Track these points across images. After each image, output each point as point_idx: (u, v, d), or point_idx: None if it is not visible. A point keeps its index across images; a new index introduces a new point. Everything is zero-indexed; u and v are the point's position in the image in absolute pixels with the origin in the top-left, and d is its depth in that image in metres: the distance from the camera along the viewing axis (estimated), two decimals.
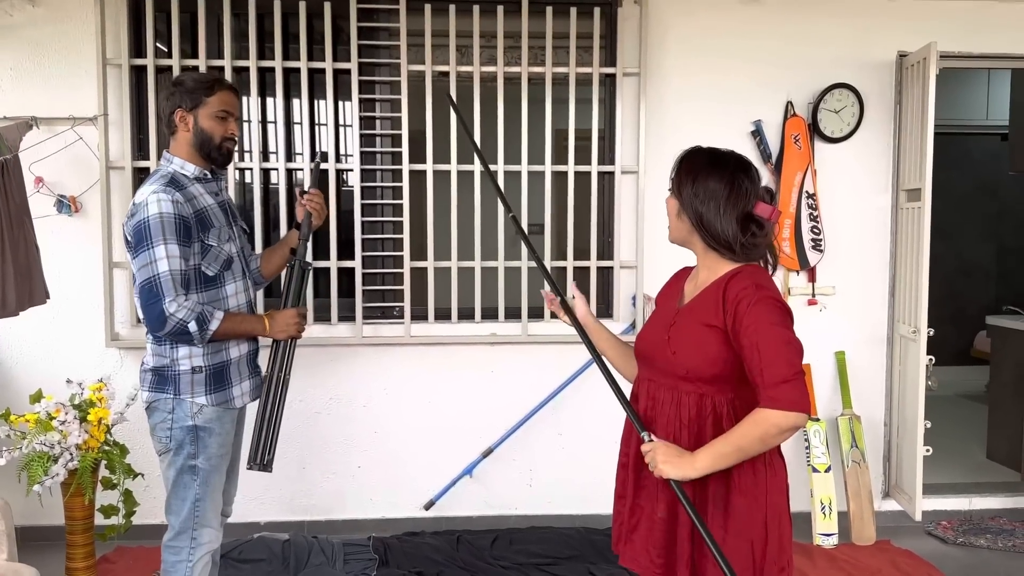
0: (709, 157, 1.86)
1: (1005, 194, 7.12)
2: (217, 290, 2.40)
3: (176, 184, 2.34)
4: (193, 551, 2.37)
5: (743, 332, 1.67)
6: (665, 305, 1.96)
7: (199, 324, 2.28)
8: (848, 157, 4.04)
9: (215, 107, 2.40)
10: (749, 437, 1.65)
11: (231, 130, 2.44)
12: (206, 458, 2.36)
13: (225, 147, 2.43)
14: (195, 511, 2.36)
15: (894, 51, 4.02)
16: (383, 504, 3.97)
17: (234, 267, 2.46)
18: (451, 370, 3.95)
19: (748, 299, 1.68)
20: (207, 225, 2.37)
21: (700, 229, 1.79)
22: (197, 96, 2.38)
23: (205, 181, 2.45)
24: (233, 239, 2.47)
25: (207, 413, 2.35)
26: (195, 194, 2.38)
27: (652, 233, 3.93)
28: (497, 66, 3.83)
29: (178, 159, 2.41)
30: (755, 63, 3.98)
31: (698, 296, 1.83)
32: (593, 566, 3.42)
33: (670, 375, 1.80)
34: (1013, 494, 4.27)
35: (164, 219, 2.26)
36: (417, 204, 3.91)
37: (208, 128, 2.39)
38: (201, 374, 2.36)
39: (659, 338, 1.84)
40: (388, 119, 3.91)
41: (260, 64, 3.73)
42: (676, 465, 1.69)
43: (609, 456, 3.99)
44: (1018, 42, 4.03)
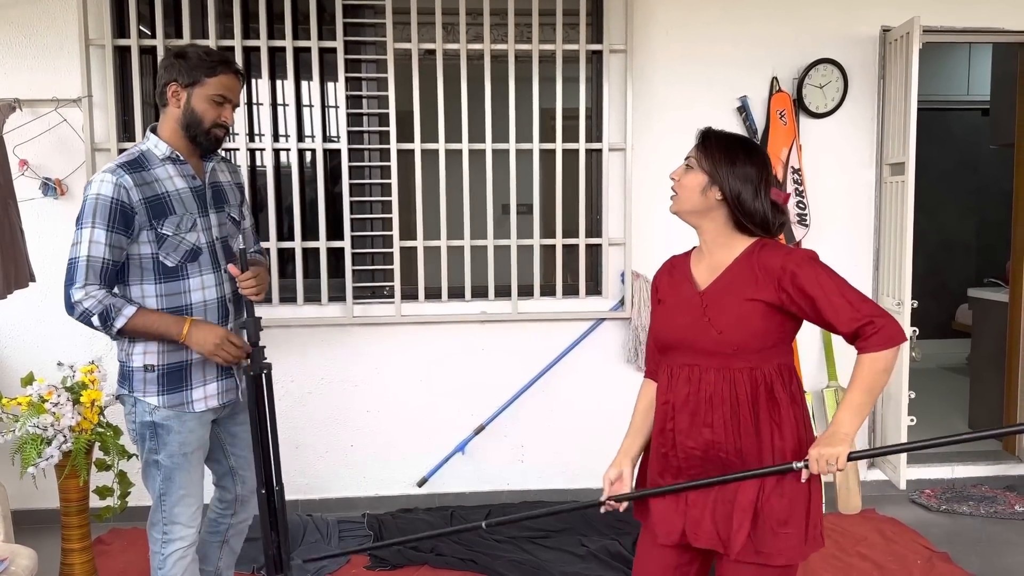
0: (741, 142, 1.94)
1: (985, 169, 7.20)
2: (178, 282, 2.22)
3: (137, 165, 2.19)
4: (164, 545, 2.31)
5: (820, 289, 1.74)
6: (679, 293, 1.95)
7: (102, 318, 2.12)
8: (833, 132, 4.07)
9: (213, 89, 2.22)
10: (875, 378, 1.74)
11: (225, 116, 2.26)
12: (167, 455, 2.26)
13: (214, 133, 2.26)
14: (161, 505, 2.30)
15: (877, 26, 4.05)
16: (376, 482, 4.00)
17: (202, 259, 2.26)
18: (442, 349, 3.97)
19: (796, 262, 1.78)
20: (163, 212, 2.18)
21: (736, 208, 1.86)
22: (197, 74, 2.20)
23: (177, 163, 2.25)
24: (204, 229, 2.27)
25: (163, 412, 2.24)
26: (159, 177, 2.21)
27: (640, 210, 3.96)
28: (484, 43, 3.82)
29: (154, 137, 2.25)
30: (740, 38, 4.00)
31: (726, 275, 1.87)
32: (584, 538, 3.47)
33: (717, 355, 1.83)
34: (994, 462, 4.36)
35: (99, 201, 2.12)
36: (405, 183, 3.91)
37: (200, 110, 2.22)
38: (153, 373, 2.22)
39: (695, 323, 1.86)
40: (375, 98, 3.90)
41: (245, 44, 3.71)
42: (835, 447, 1.72)
43: (599, 431, 4.06)
44: (999, 16, 4.07)
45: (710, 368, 1.84)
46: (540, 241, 3.96)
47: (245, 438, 2.44)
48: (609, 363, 4.06)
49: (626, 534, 3.46)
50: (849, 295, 1.75)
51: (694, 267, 1.96)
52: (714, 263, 1.91)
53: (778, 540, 1.78)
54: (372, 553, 3.40)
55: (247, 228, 2.54)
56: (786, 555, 1.79)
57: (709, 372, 1.84)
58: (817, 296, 1.75)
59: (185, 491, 2.30)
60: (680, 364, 1.89)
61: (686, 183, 1.92)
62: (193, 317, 2.24)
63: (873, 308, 1.74)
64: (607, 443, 4.11)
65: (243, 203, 2.51)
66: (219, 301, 2.31)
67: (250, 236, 2.55)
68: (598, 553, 3.31)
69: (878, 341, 1.73)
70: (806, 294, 1.76)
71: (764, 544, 1.79)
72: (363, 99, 3.89)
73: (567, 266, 4.02)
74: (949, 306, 7.05)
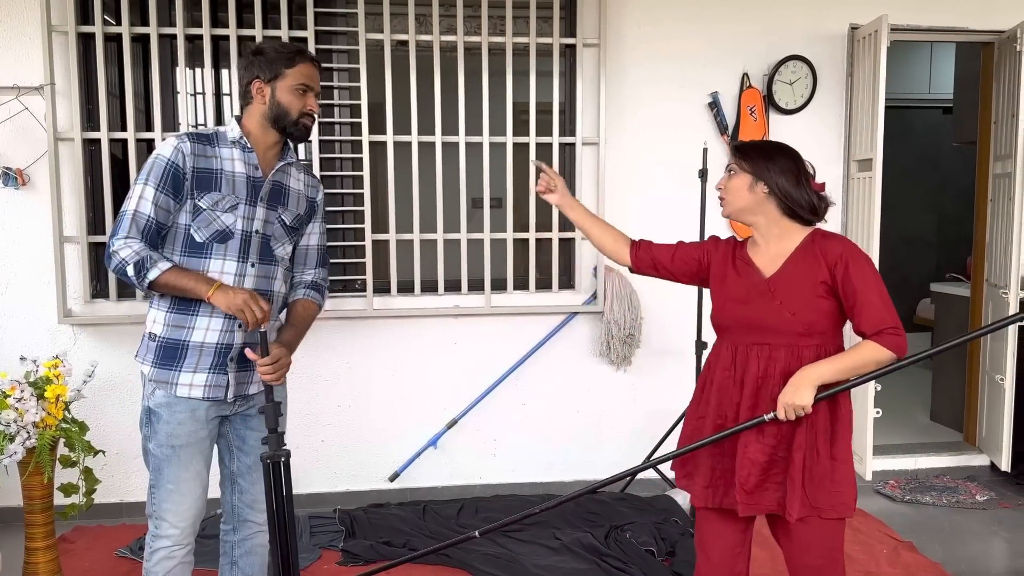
0: (771, 143, 2.18)
1: (946, 166, 7.35)
2: (201, 259, 2.19)
3: (205, 138, 2.22)
4: (153, 539, 2.26)
5: (863, 284, 1.97)
6: (744, 279, 2.13)
7: (137, 267, 2.10)
8: (802, 128, 4.12)
9: (295, 80, 2.23)
10: (865, 359, 1.98)
11: (310, 105, 2.27)
12: (156, 444, 2.23)
13: (303, 123, 2.26)
14: (151, 497, 2.26)
15: (846, 23, 4.11)
16: (347, 477, 3.97)
17: (231, 244, 2.21)
18: (414, 343, 3.95)
19: (852, 257, 2.00)
20: (207, 186, 2.18)
21: (783, 198, 2.06)
22: (277, 67, 2.22)
23: (244, 150, 2.24)
24: (245, 217, 2.22)
25: (158, 397, 2.21)
26: (222, 155, 2.22)
27: (613, 204, 3.98)
28: (457, 35, 3.80)
29: (234, 122, 2.27)
30: (712, 35, 4.03)
31: (791, 261, 2.07)
32: (557, 531, 3.48)
33: (787, 334, 2.04)
34: (956, 453, 4.46)
35: (157, 161, 2.15)
36: (377, 176, 3.88)
37: (286, 102, 2.23)
38: (154, 342, 2.22)
39: (766, 306, 2.06)
40: (346, 89, 3.86)
41: (214, 32, 3.64)
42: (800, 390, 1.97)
43: (571, 425, 4.07)
44: (964, 16, 4.15)
45: (780, 346, 2.05)
46: (513, 235, 3.95)
47: (254, 445, 2.36)
48: (582, 357, 4.07)
49: (599, 526, 3.48)
50: (886, 301, 1.97)
51: (753, 255, 2.15)
52: (774, 253, 2.11)
53: (831, 497, 2.02)
54: (344, 549, 3.38)
55: (312, 247, 2.44)
56: (838, 510, 2.03)
57: (779, 350, 2.05)
58: (860, 291, 1.97)
59: (174, 487, 2.23)
60: (747, 343, 2.09)
61: (732, 186, 2.12)
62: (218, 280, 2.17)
63: (896, 318, 1.97)
64: (579, 436, 4.17)
65: (314, 219, 2.43)
66: None
67: (313, 256, 2.45)
68: (571, 546, 3.32)
69: (891, 343, 1.96)
70: (852, 285, 1.98)
71: (819, 501, 2.02)
72: (334, 90, 3.85)
73: (540, 260, 4.02)
74: (911, 301, 7.19)
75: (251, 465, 2.38)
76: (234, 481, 2.41)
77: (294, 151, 2.39)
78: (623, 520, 3.55)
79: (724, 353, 2.13)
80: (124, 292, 3.72)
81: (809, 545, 2.08)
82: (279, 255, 2.33)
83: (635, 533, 3.39)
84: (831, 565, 2.10)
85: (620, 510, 3.67)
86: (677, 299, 4.04)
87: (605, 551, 3.27)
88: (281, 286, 2.35)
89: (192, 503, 2.26)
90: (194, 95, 3.82)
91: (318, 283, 2.47)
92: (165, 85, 3.68)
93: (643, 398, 4.13)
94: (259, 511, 2.41)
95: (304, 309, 2.42)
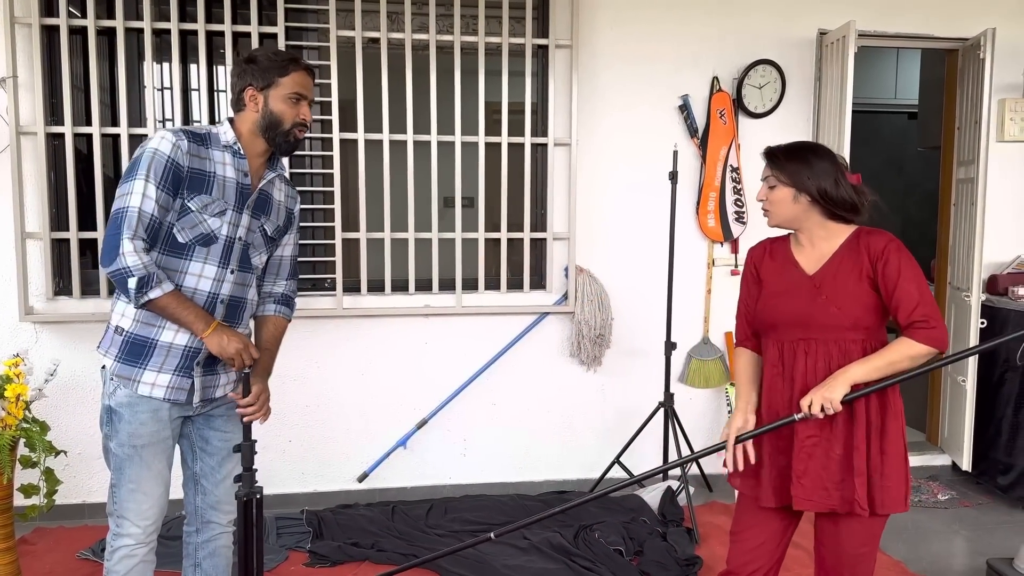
0: (802, 145, 2.19)
1: (911, 170, 7.46)
2: (180, 260, 2.14)
3: (199, 138, 2.16)
4: (114, 538, 2.22)
5: (902, 277, 2.00)
6: (787, 277, 2.16)
7: (140, 283, 2.03)
8: (770, 132, 4.15)
9: (288, 89, 2.18)
10: (899, 356, 1.99)
11: (303, 114, 2.22)
12: (118, 444, 2.19)
13: (294, 133, 2.22)
14: (113, 496, 2.23)
15: (815, 29, 4.16)
16: (315, 478, 3.94)
17: (213, 248, 2.17)
18: (384, 342, 3.93)
19: (895, 251, 2.03)
20: (199, 188, 2.13)
21: (824, 202, 2.08)
22: (270, 76, 2.17)
23: (236, 155, 2.21)
24: (231, 223, 2.19)
25: (120, 396, 2.17)
26: (214, 158, 2.17)
27: (585, 205, 3.99)
28: (429, 34, 3.78)
29: (227, 125, 2.22)
30: (683, 37, 4.06)
31: (835, 259, 2.10)
32: (526, 530, 3.48)
33: (834, 329, 2.07)
34: (919, 453, 4.53)
35: (156, 157, 2.07)
36: (348, 174, 3.85)
37: (279, 111, 2.19)
38: (121, 336, 2.17)
39: (812, 302, 2.09)
40: (317, 86, 3.81)
41: (182, 27, 3.59)
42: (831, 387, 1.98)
43: (541, 424, 4.08)
44: (929, 23, 4.22)
45: (828, 341, 2.07)
46: (485, 235, 3.94)
47: (218, 446, 2.34)
48: (552, 357, 4.08)
49: (567, 526, 3.49)
50: (923, 292, 2.00)
51: (797, 255, 2.18)
52: (819, 252, 2.14)
53: (882, 492, 2.04)
54: (312, 550, 3.35)
55: (286, 258, 2.43)
56: (888, 505, 2.04)
57: (826, 345, 2.07)
58: (898, 283, 2.00)
59: (135, 486, 2.19)
60: (794, 339, 2.11)
61: (775, 199, 2.15)
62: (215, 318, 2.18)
63: (934, 311, 1.99)
64: (549, 436, 4.17)
65: (290, 230, 2.42)
66: (210, 296, 2.20)
67: (286, 268, 2.44)
68: (540, 546, 3.32)
69: (923, 336, 1.98)
70: (891, 277, 2.01)
71: (871, 496, 2.03)
72: None
73: (511, 260, 4.02)
74: None
75: (214, 466, 2.35)
76: (197, 482, 2.37)
77: (280, 162, 2.36)
78: (592, 520, 3.56)
79: (771, 351, 2.16)
80: (88, 290, 3.66)
81: (849, 536, 2.10)
82: (256, 263, 2.31)
83: (604, 533, 3.40)
84: (864, 557, 2.12)
85: (589, 509, 3.68)
86: (647, 300, 4.08)
87: (574, 551, 3.27)
88: (254, 294, 2.35)
89: (154, 502, 2.23)
90: (161, 90, 3.76)
91: (288, 296, 2.45)
92: (131, 79, 3.62)
93: (613, 398, 4.15)
94: (223, 512, 2.39)
95: (276, 328, 2.41)
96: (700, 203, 4.13)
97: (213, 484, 2.37)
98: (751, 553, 2.19)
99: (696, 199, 4.14)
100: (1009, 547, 3.34)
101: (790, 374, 2.12)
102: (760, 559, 2.19)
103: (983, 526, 3.78)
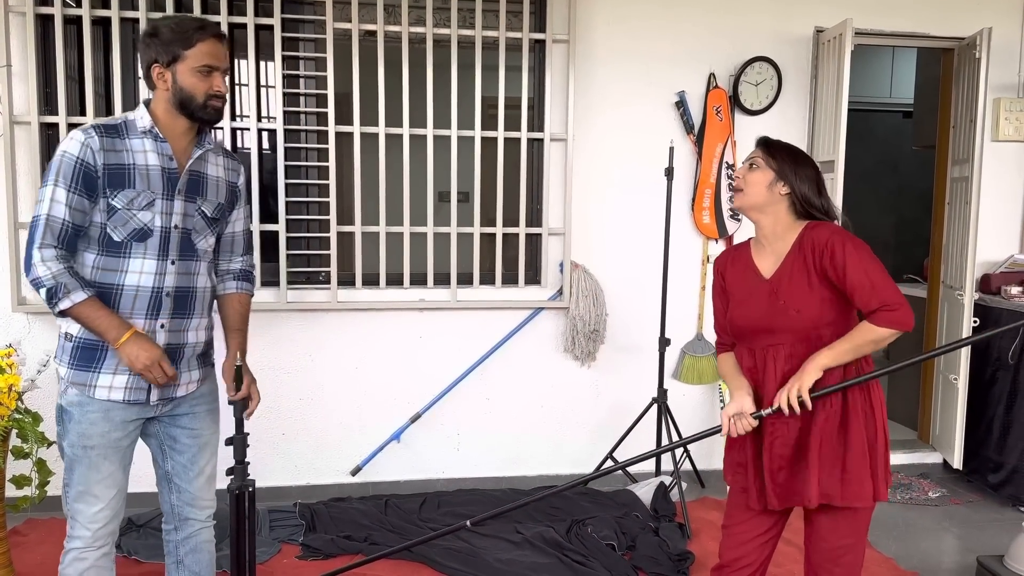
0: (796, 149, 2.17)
1: (905, 169, 7.49)
2: (118, 259, 2.08)
3: (114, 131, 2.07)
4: (68, 539, 2.15)
5: (849, 267, 1.97)
6: (746, 284, 2.16)
7: (49, 293, 1.99)
8: (766, 129, 4.12)
9: (196, 61, 2.05)
10: (862, 340, 1.99)
11: (216, 86, 2.09)
12: (69, 444, 2.12)
13: (211, 106, 2.09)
14: (65, 495, 2.16)
15: (811, 26, 4.16)
16: (308, 471, 3.93)
17: (150, 242, 2.09)
18: (379, 336, 3.93)
19: (838, 243, 2.00)
20: (120, 183, 2.04)
21: (800, 201, 2.10)
22: (174, 49, 2.04)
23: (156, 140, 2.10)
24: (164, 212, 2.10)
25: (70, 395, 2.10)
26: (133, 148, 2.07)
27: (580, 200, 3.99)
28: (426, 27, 3.77)
29: (143, 109, 2.11)
30: (680, 34, 4.06)
31: (788, 260, 2.09)
32: (520, 524, 3.48)
33: (799, 330, 2.05)
34: (910, 451, 4.56)
35: (64, 160, 2.00)
36: (344, 167, 3.84)
37: (189, 86, 2.06)
38: (71, 343, 2.10)
39: (771, 308, 2.08)
40: (313, 78, 3.81)
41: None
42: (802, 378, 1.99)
43: (535, 419, 4.08)
44: (925, 22, 4.23)
45: (796, 341, 2.06)
46: (480, 229, 3.94)
47: (187, 443, 2.28)
48: (546, 352, 4.08)
49: (560, 520, 3.50)
50: (875, 278, 1.96)
51: (756, 258, 2.17)
52: (776, 252, 2.13)
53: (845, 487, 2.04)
54: (305, 543, 3.35)
55: (237, 234, 2.35)
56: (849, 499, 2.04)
57: (798, 345, 2.06)
58: (848, 274, 1.98)
59: (85, 488, 2.12)
60: (763, 345, 2.11)
61: (752, 180, 2.11)
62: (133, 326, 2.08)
63: (890, 296, 1.96)
64: (543, 431, 4.17)
65: (237, 205, 2.32)
66: (154, 291, 2.12)
67: (239, 244, 2.37)
68: (533, 540, 3.33)
69: (883, 319, 1.96)
70: (840, 270, 1.99)
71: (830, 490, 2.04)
72: (300, 79, 3.80)
73: (506, 255, 4.01)
74: None
75: (185, 464, 2.29)
76: (170, 481, 2.31)
77: (211, 135, 2.25)
78: (584, 514, 3.57)
79: (746, 358, 2.17)
80: None
81: (830, 530, 2.12)
82: (201, 248, 2.22)
83: (596, 527, 3.41)
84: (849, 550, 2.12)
85: (582, 504, 3.69)
86: (642, 296, 4.08)
87: (567, 545, 3.28)
88: (205, 281, 2.25)
89: (104, 506, 2.15)
90: None
91: (247, 271, 2.40)
92: (126, 69, 3.60)
93: (607, 394, 4.15)
94: (200, 508, 2.34)
95: (240, 305, 2.38)
96: (695, 200, 4.14)
97: (186, 482, 2.31)
98: (742, 548, 2.21)
99: (692, 195, 4.15)
100: (999, 544, 3.35)
101: (762, 379, 2.11)
102: (751, 554, 2.21)
103: (973, 523, 3.80)
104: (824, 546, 2.15)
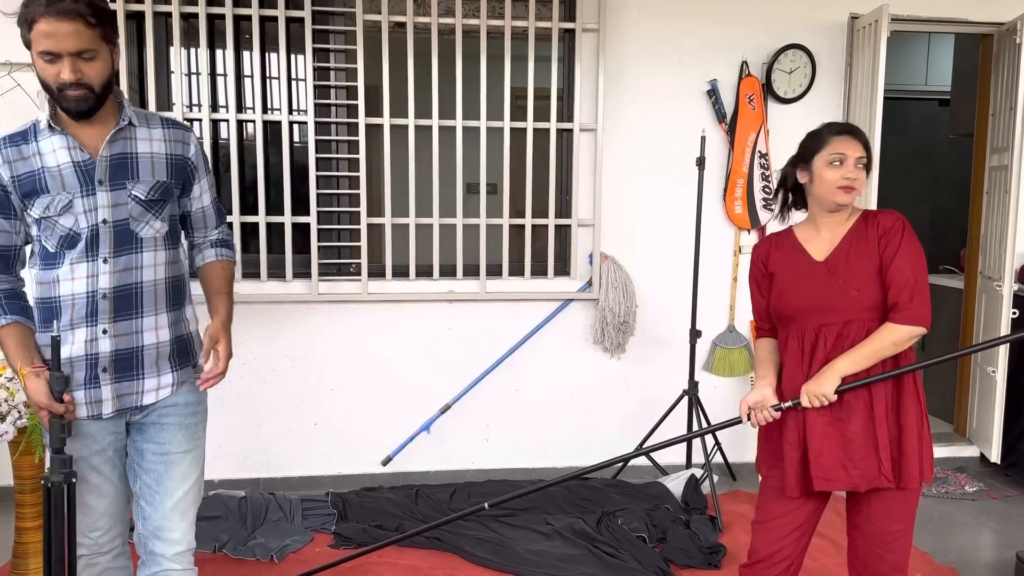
0: None
1: (940, 158, 7.34)
2: (51, 271, 1.92)
3: (20, 138, 1.90)
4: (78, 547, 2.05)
5: (899, 256, 2.03)
6: (796, 266, 2.17)
7: None
8: (799, 118, 4.09)
9: (36, 47, 1.77)
10: (882, 343, 2.02)
11: (63, 75, 1.77)
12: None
13: (67, 96, 1.80)
14: None
15: (846, 13, 4.09)
16: (340, 460, 3.97)
17: (80, 246, 1.90)
18: (408, 327, 3.94)
19: (903, 229, 2.06)
20: (33, 191, 1.88)
21: None
22: (24, 32, 1.78)
23: (60, 134, 1.89)
24: (87, 210, 1.90)
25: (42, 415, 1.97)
26: (42, 151, 1.89)
27: (610, 191, 3.97)
28: (455, 18, 3.77)
29: (47, 105, 1.91)
30: (711, 22, 4.01)
31: (845, 242, 2.12)
32: (549, 516, 3.49)
33: (854, 310, 2.07)
34: (946, 444, 4.49)
35: None
36: (373, 159, 3.85)
37: (40, 74, 1.81)
38: None
39: (828, 287, 2.10)
40: (343, 71, 3.83)
41: (210, 11, 3.60)
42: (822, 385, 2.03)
43: (564, 411, 4.08)
44: (963, 7, 4.14)
45: (848, 322, 2.08)
46: (509, 221, 3.93)
47: (152, 460, 2.04)
48: (576, 344, 4.07)
49: (590, 512, 3.49)
50: (919, 276, 2.02)
51: (805, 244, 2.18)
52: (829, 236, 2.15)
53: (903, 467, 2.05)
54: (337, 532, 3.38)
55: (207, 207, 2.16)
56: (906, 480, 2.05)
57: (848, 326, 2.08)
58: (896, 259, 2.03)
59: (78, 499, 2.01)
60: (815, 325, 2.11)
61: (863, 179, 2.13)
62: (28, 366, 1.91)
63: (919, 291, 2.01)
64: (572, 423, 4.17)
65: (196, 178, 2.09)
66: (88, 296, 1.93)
67: (211, 217, 2.18)
68: (562, 531, 3.33)
69: (902, 317, 2.01)
70: (890, 253, 2.04)
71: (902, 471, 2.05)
72: (331, 71, 3.82)
73: (535, 246, 4.00)
74: None
75: (151, 485, 2.04)
76: (139, 505, 2.07)
77: (130, 109, 1.96)
78: (615, 506, 3.56)
79: (791, 343, 2.16)
80: None
81: (883, 514, 2.11)
82: (146, 236, 1.97)
83: (626, 519, 3.40)
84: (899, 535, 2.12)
85: (612, 496, 3.68)
86: (672, 288, 4.05)
87: (597, 537, 3.28)
88: (160, 272, 2.01)
89: (99, 515, 2.05)
90: (189, 75, 3.78)
91: (225, 239, 2.23)
92: (160, 64, 3.64)
93: (636, 385, 4.14)
94: (166, 541, 2.06)
95: (223, 269, 2.19)
96: (727, 190, 4.09)
97: (153, 507, 2.04)
98: (776, 543, 2.18)
99: (723, 185, 4.11)
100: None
101: (809, 362, 2.11)
102: (788, 547, 2.18)
103: (1011, 518, 3.74)
104: (874, 531, 2.12)
